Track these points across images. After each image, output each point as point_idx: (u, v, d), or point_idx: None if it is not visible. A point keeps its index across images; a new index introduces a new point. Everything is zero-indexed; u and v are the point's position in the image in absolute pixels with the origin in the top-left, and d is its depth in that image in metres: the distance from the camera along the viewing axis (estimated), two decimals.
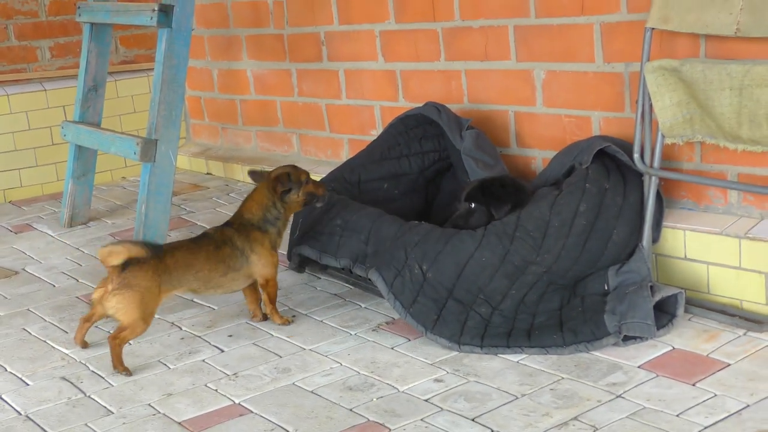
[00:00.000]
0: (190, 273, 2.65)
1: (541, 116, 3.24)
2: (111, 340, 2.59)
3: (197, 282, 2.67)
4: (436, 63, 3.53)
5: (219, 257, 2.68)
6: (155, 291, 2.58)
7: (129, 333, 2.58)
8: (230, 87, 4.60)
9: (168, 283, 2.61)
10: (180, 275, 2.64)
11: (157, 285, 2.58)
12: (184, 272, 2.64)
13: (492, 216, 2.83)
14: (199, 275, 2.66)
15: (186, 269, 2.64)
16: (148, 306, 2.57)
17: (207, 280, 2.68)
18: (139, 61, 5.05)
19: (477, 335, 2.57)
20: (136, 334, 2.59)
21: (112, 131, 3.85)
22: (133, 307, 2.55)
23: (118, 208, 4.31)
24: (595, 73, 3.03)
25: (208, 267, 2.67)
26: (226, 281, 2.71)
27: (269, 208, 2.76)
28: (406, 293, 2.66)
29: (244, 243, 2.71)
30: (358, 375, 2.48)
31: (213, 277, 2.68)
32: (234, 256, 2.70)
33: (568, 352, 2.48)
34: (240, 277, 2.74)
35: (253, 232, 2.73)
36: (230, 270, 2.70)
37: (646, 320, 2.49)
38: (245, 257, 2.72)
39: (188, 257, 2.66)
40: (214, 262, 2.68)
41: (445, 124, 3.27)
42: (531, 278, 2.65)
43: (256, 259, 2.73)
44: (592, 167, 2.78)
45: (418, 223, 2.82)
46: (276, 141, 4.44)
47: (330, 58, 3.97)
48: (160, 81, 3.49)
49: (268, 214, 2.75)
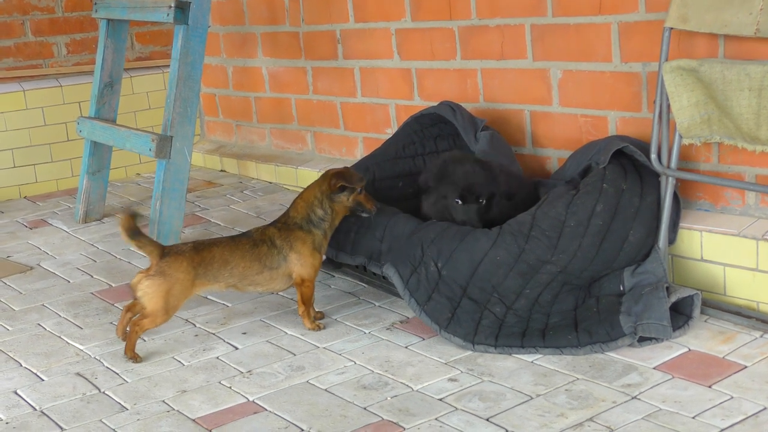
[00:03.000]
0: (225, 269, 2.66)
1: (557, 116, 3.23)
2: (132, 325, 2.62)
3: (233, 278, 2.69)
4: (452, 62, 3.53)
5: (254, 255, 2.68)
6: (187, 283, 2.61)
7: (149, 322, 2.60)
8: (245, 84, 4.60)
9: (203, 276, 2.64)
10: (216, 270, 2.65)
11: (191, 278, 2.61)
12: (220, 268, 2.66)
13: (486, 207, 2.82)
14: (234, 272, 2.67)
15: (222, 265, 2.66)
16: (176, 297, 2.60)
17: (242, 277, 2.69)
18: (155, 57, 5.06)
19: (491, 335, 2.57)
20: (155, 324, 2.62)
21: (127, 127, 3.85)
22: (160, 296, 2.58)
23: (133, 205, 4.32)
24: (612, 73, 3.02)
25: (243, 264, 2.68)
26: (262, 279, 2.71)
27: (315, 207, 2.73)
28: (422, 290, 2.66)
29: (283, 241, 2.70)
30: (372, 374, 2.49)
31: (248, 274, 2.68)
32: (271, 254, 2.69)
33: (583, 353, 2.48)
34: (279, 276, 2.72)
35: (295, 231, 2.72)
36: (266, 268, 2.69)
37: (661, 321, 2.48)
38: (283, 256, 2.70)
39: (225, 253, 2.67)
40: (249, 259, 2.68)
41: (459, 125, 3.26)
42: (545, 278, 2.65)
43: (295, 258, 2.71)
44: (610, 167, 2.77)
45: (433, 221, 2.82)
46: (290, 138, 4.44)
47: (345, 56, 3.97)
48: (176, 78, 3.50)
49: (313, 214, 2.73)
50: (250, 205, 4.16)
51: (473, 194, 2.81)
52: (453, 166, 2.87)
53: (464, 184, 2.81)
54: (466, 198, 2.81)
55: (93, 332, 2.90)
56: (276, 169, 4.41)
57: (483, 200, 2.83)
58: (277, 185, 4.41)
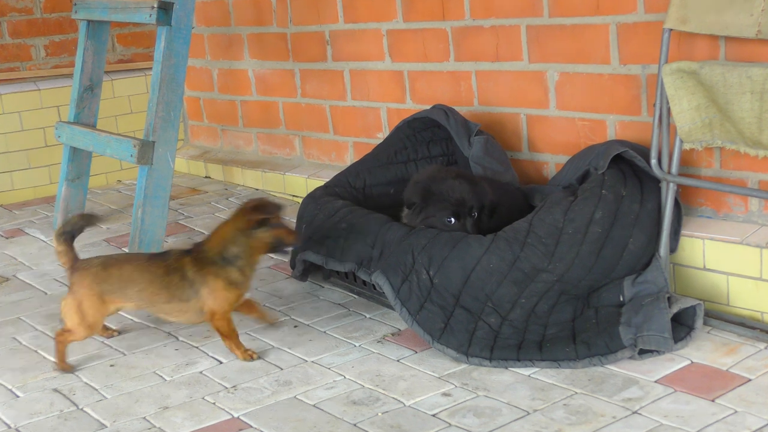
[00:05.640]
0: (132, 289, 2.62)
1: (554, 119, 3.23)
2: (56, 336, 2.67)
3: (142, 301, 2.64)
4: (445, 63, 3.53)
5: (164, 283, 2.61)
6: (94, 299, 2.61)
7: (70, 335, 2.65)
8: (231, 87, 4.60)
9: (111, 293, 2.62)
10: (122, 288, 2.62)
11: (96, 294, 2.61)
12: (125, 286, 2.62)
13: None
14: (142, 294, 2.63)
15: (128, 284, 2.62)
16: (89, 313, 2.61)
17: (151, 302, 2.64)
18: (137, 60, 5.05)
19: (486, 347, 2.56)
20: (76, 338, 2.66)
21: (108, 133, 3.84)
22: (72, 311, 2.62)
23: (114, 213, 4.31)
24: (610, 75, 3.02)
25: (151, 289, 2.62)
26: (171, 309, 2.64)
27: (229, 245, 2.61)
28: (413, 299, 2.66)
29: (196, 275, 2.62)
30: (363, 388, 2.48)
31: (156, 301, 2.63)
32: (182, 286, 2.61)
33: (582, 366, 2.48)
34: (190, 309, 2.64)
35: (207, 266, 2.62)
36: (174, 299, 2.62)
37: (663, 333, 2.48)
38: (194, 290, 2.62)
39: (134, 272, 2.62)
40: (157, 285, 2.62)
41: (453, 129, 3.26)
42: (541, 287, 2.65)
43: (207, 293, 2.61)
44: (609, 173, 2.78)
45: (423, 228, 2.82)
46: (278, 143, 4.44)
47: (335, 57, 3.97)
48: (159, 81, 3.50)
49: (226, 252, 2.62)
50: None
51: (466, 209, 2.81)
52: (438, 184, 2.84)
53: (455, 200, 2.80)
54: (459, 215, 2.80)
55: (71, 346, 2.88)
56: (263, 175, 4.41)
57: (475, 213, 2.82)
58: (263, 192, 4.40)
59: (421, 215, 2.85)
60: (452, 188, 2.82)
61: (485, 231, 2.80)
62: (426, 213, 2.84)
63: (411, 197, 2.89)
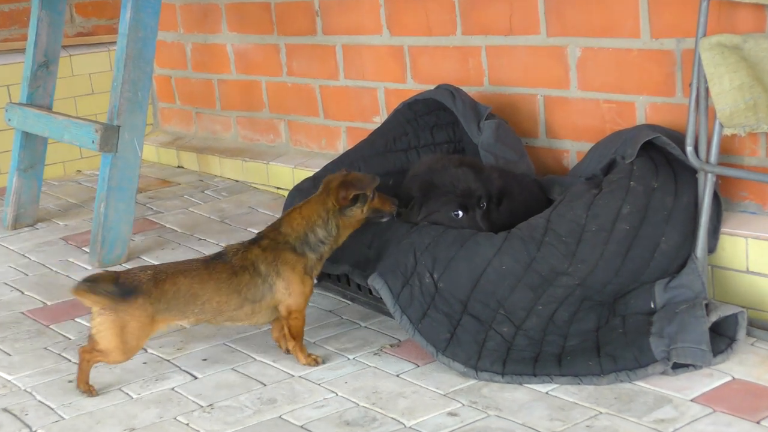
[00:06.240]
0: (195, 304, 2.59)
1: (576, 101, 3.23)
2: (82, 352, 2.58)
3: (204, 314, 2.61)
4: (451, 38, 3.52)
5: (233, 286, 2.59)
6: (145, 320, 2.54)
7: (102, 357, 2.58)
8: (206, 65, 4.59)
9: (166, 312, 2.56)
10: (182, 306, 2.58)
11: (148, 315, 2.54)
12: (188, 303, 2.58)
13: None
14: (206, 307, 2.59)
15: (190, 300, 2.58)
16: (133, 336, 2.54)
17: (217, 313, 2.61)
18: (99, 33, 5.04)
19: (498, 360, 2.56)
20: (109, 361, 2.59)
21: (65, 116, 3.84)
22: (113, 334, 2.53)
23: (72, 207, 4.30)
24: (640, 51, 3.01)
25: (218, 298, 2.59)
26: (242, 314, 2.63)
27: (318, 227, 2.63)
28: (415, 306, 2.65)
29: (269, 267, 2.61)
30: (357, 407, 2.47)
31: (225, 309, 2.61)
32: (254, 284, 2.60)
33: (607, 382, 2.47)
34: (262, 309, 2.64)
35: (284, 253, 2.61)
36: (247, 302, 2.61)
37: (700, 345, 2.47)
38: (269, 285, 2.61)
39: (194, 285, 2.58)
40: (226, 292, 2.59)
41: (460, 113, 3.26)
42: (561, 292, 2.65)
43: (282, 287, 2.62)
44: (638, 162, 2.77)
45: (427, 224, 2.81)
46: (260, 129, 4.43)
47: (325, 31, 3.96)
48: (124, 57, 3.49)
49: (312, 235, 2.63)
50: (213, 207, 4.15)
51: (474, 199, 2.80)
52: (439, 175, 2.84)
53: (461, 191, 2.80)
54: (466, 207, 2.80)
55: (23, 359, 2.87)
56: (243, 164, 4.40)
57: (484, 204, 2.82)
58: (244, 184, 4.39)
59: (423, 211, 2.84)
60: (456, 178, 2.82)
61: (497, 223, 2.79)
62: (428, 208, 2.83)
63: (409, 192, 2.88)
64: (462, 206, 2.80)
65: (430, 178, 2.85)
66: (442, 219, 2.81)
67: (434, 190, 2.83)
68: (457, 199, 2.80)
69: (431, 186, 2.84)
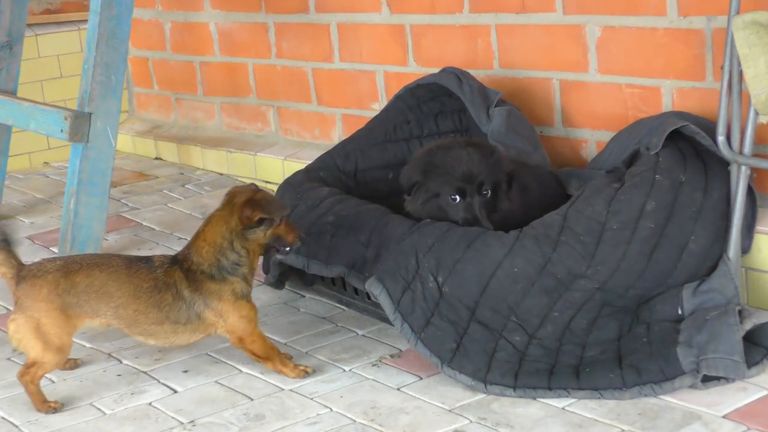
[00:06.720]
0: (106, 304, 2.60)
1: (595, 86, 3.23)
2: (20, 377, 2.59)
3: (118, 320, 2.62)
4: (458, 15, 3.52)
5: (155, 301, 2.61)
6: (56, 314, 2.56)
7: (40, 369, 2.58)
8: (187, 45, 4.59)
9: (77, 307, 2.58)
10: (94, 303, 2.59)
11: (56, 308, 2.56)
12: (99, 301, 2.59)
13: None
14: (120, 312, 2.61)
15: (102, 298, 2.59)
16: (52, 333, 2.56)
17: (132, 322, 2.62)
18: (68, 10, 5.03)
19: (509, 372, 2.56)
20: (47, 369, 2.60)
21: (31, 102, 3.83)
22: (30, 338, 2.55)
23: (39, 203, 4.30)
24: (666, 30, 3.01)
25: (134, 307, 2.61)
26: (160, 332, 2.64)
27: (226, 251, 2.62)
28: (417, 313, 2.66)
29: (193, 294, 2.62)
30: (354, 423, 2.47)
31: (141, 321, 2.62)
32: (177, 307, 2.61)
33: (630, 397, 2.47)
34: (186, 332, 2.65)
35: (205, 283, 2.62)
36: (168, 321, 2.62)
37: (732, 355, 2.48)
38: (195, 313, 2.62)
39: (108, 284, 2.60)
40: (145, 303, 2.61)
41: (467, 99, 3.26)
42: (578, 296, 2.65)
43: (213, 317, 2.63)
44: (664, 153, 2.77)
45: (430, 221, 2.81)
46: (247, 116, 4.43)
47: (319, 8, 3.96)
48: (96, 36, 3.48)
49: (224, 260, 2.62)
50: (194, 203, 4.15)
51: (474, 184, 2.80)
52: (442, 154, 2.85)
53: (461, 174, 2.80)
54: (465, 191, 2.80)
55: None
56: (228, 156, 4.40)
57: (488, 191, 2.82)
58: (229, 177, 4.39)
59: (423, 195, 2.84)
60: (458, 159, 2.82)
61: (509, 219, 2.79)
62: (428, 191, 2.83)
63: (410, 176, 2.88)
64: (459, 190, 2.80)
65: (432, 157, 2.86)
66: (441, 204, 2.82)
67: (434, 170, 2.84)
68: (455, 182, 2.80)
69: (432, 166, 2.85)
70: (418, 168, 2.87)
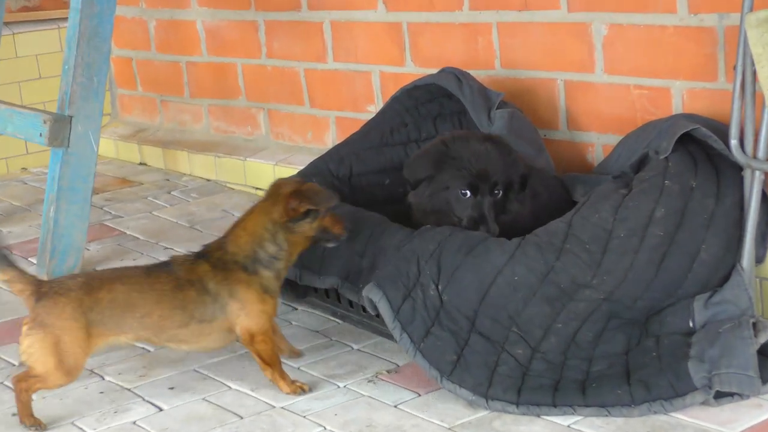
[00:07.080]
0: (132, 317, 2.60)
1: (602, 87, 3.24)
2: (16, 382, 2.58)
3: (145, 330, 2.63)
4: (457, 13, 3.53)
5: (177, 301, 2.61)
6: (78, 334, 2.55)
7: (39, 382, 2.57)
8: (173, 44, 4.59)
9: (100, 324, 2.58)
10: (118, 317, 2.59)
11: (81, 327, 2.55)
12: (123, 314, 2.60)
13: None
14: (146, 321, 2.61)
15: (126, 310, 2.60)
16: (70, 354, 2.55)
17: (159, 329, 2.63)
18: (47, 7, 5.04)
19: (511, 387, 2.56)
20: (48, 385, 2.59)
21: (8, 104, 3.84)
22: (46, 354, 2.53)
23: (17, 211, 4.30)
24: (676, 28, 3.02)
25: (159, 312, 2.61)
26: (188, 334, 2.65)
27: (266, 243, 2.66)
28: (418, 322, 2.65)
29: (220, 286, 2.63)
30: None
31: (167, 326, 2.62)
32: (202, 302, 2.62)
33: (639, 414, 2.47)
34: (213, 331, 2.66)
35: (236, 273, 2.64)
36: (193, 320, 2.63)
37: (746, 370, 2.48)
38: (220, 305, 2.64)
39: (132, 294, 2.60)
40: (168, 306, 2.61)
41: (467, 100, 3.27)
42: (583, 307, 2.65)
43: (237, 308, 2.64)
44: (674, 158, 2.77)
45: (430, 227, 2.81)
46: (236, 119, 4.43)
47: (311, 5, 3.97)
48: (77, 35, 3.48)
49: (262, 252, 2.66)
50: (181, 211, 4.15)
51: (488, 182, 2.81)
52: (458, 146, 2.86)
53: (477, 170, 2.81)
54: (477, 188, 2.81)
55: None
56: (216, 161, 4.40)
57: (500, 191, 2.82)
58: (217, 183, 4.39)
59: (432, 186, 2.85)
60: (475, 153, 2.83)
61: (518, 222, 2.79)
62: (438, 183, 2.85)
63: (419, 170, 2.89)
64: (472, 186, 2.81)
65: (447, 149, 2.87)
66: (449, 196, 2.82)
67: (449, 162, 2.84)
68: (468, 177, 2.81)
69: (447, 157, 2.86)
70: (430, 159, 2.88)
